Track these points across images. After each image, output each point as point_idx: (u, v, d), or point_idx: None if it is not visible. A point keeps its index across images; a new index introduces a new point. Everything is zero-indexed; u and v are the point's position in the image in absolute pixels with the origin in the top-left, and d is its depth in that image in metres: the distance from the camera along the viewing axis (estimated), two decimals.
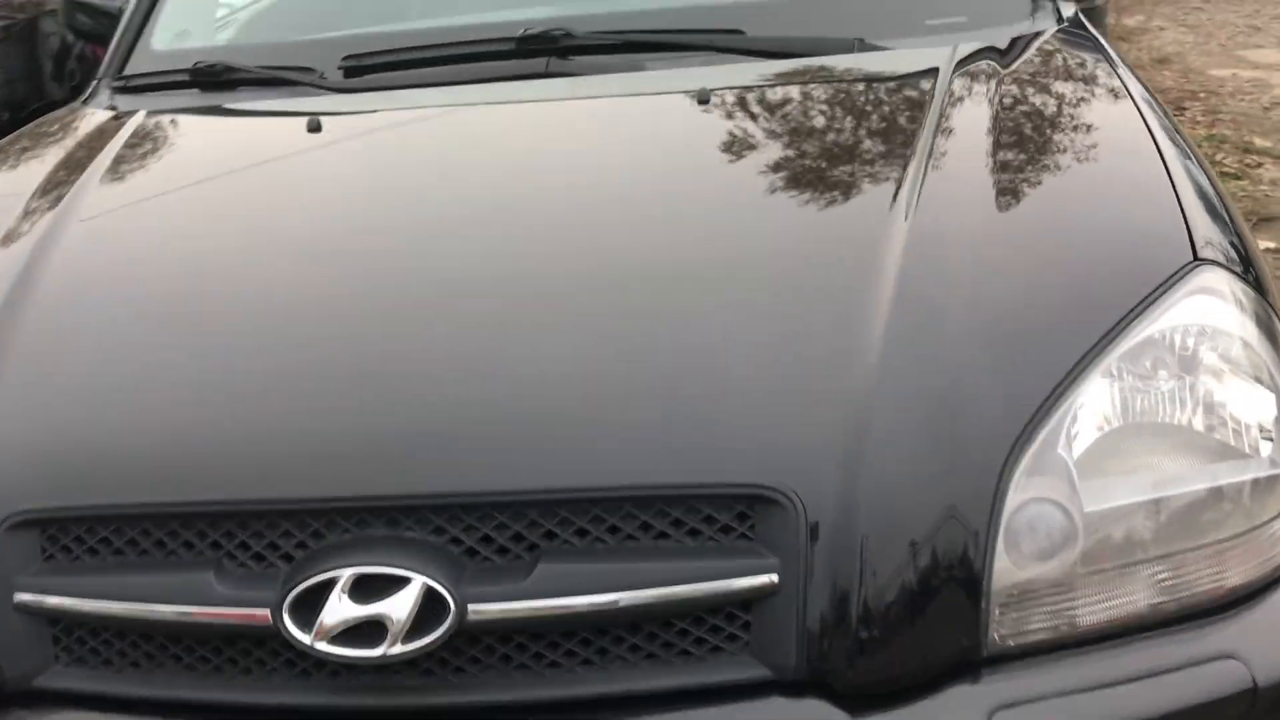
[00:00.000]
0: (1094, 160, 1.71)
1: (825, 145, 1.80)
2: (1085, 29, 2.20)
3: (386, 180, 1.82)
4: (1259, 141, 5.86)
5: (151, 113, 2.14)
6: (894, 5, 2.22)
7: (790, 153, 1.78)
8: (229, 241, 1.69)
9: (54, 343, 1.51)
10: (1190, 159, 1.70)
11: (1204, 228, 1.50)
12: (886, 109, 1.90)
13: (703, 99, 1.91)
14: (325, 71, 2.14)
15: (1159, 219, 1.51)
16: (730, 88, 1.98)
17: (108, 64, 2.36)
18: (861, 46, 2.06)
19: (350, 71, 2.13)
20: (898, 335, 1.33)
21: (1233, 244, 1.52)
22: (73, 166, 1.95)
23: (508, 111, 2.01)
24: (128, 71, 2.32)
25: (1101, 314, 1.36)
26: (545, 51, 2.08)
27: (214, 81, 2.19)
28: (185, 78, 2.22)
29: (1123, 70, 2.00)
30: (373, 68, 2.14)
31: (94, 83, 2.35)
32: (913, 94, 1.91)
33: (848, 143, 1.79)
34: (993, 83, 1.88)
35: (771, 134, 1.85)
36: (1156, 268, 1.41)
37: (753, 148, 1.81)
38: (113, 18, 2.53)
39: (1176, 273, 1.40)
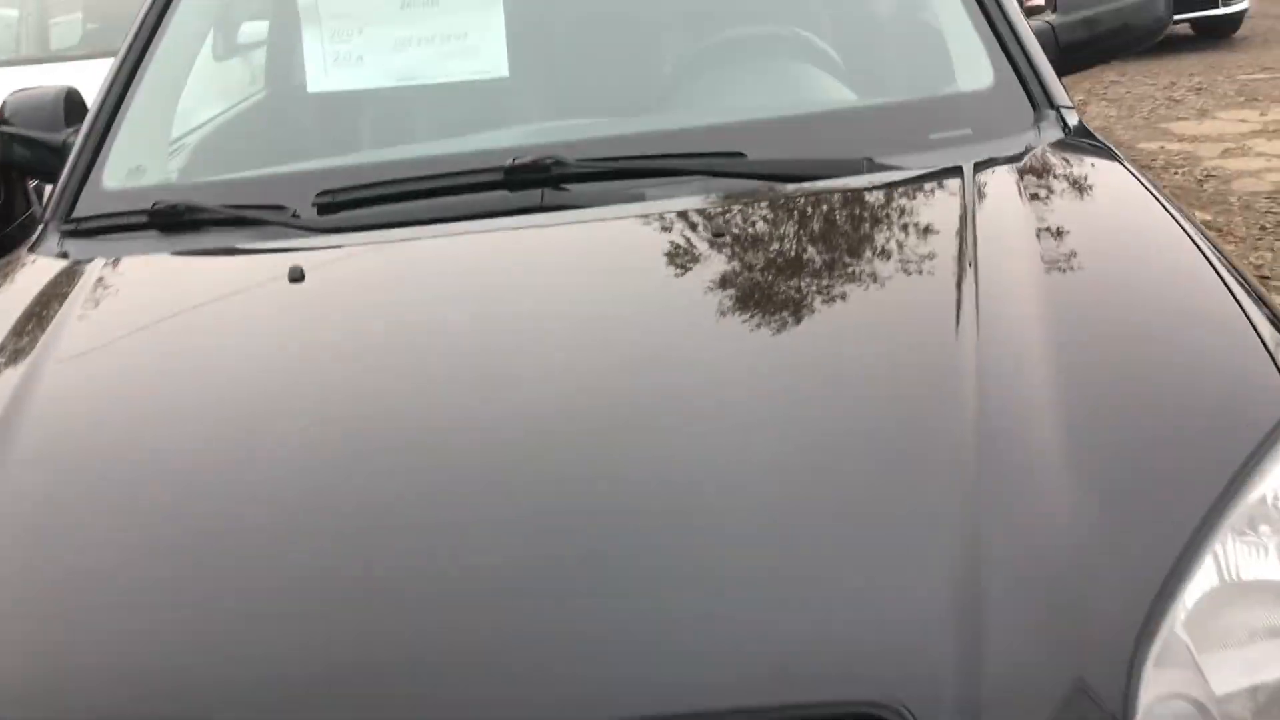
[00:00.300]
0: (1152, 281, 1.61)
1: (863, 277, 1.67)
2: (1093, 136, 2.12)
3: (390, 346, 1.63)
4: (1199, 215, 5.93)
5: (110, 261, 1.94)
6: (896, 121, 2.11)
7: (828, 288, 1.65)
8: (218, 425, 1.50)
9: (24, 556, 1.32)
10: (1235, 272, 1.61)
11: None
12: (917, 232, 1.78)
13: (718, 232, 1.78)
14: (298, 209, 1.95)
15: (1242, 354, 1.41)
16: (748, 217, 1.85)
17: (55, 205, 2.14)
18: (871, 166, 1.95)
19: (325, 209, 1.96)
20: (995, 509, 1.20)
21: None
22: (26, 327, 1.76)
23: (508, 254, 1.84)
24: (78, 214, 2.10)
25: (1207, 475, 1.25)
26: (537, 182, 1.93)
27: (176, 223, 2.01)
28: (143, 219, 2.02)
29: (1141, 178, 1.92)
30: (350, 204, 1.97)
31: (40, 226, 2.14)
32: (941, 213, 1.80)
33: (886, 273, 1.66)
34: (1022, 197, 1.78)
35: (802, 267, 1.71)
36: (1255, 416, 1.31)
37: (784, 285, 1.67)
38: (56, 151, 2.33)
39: None
